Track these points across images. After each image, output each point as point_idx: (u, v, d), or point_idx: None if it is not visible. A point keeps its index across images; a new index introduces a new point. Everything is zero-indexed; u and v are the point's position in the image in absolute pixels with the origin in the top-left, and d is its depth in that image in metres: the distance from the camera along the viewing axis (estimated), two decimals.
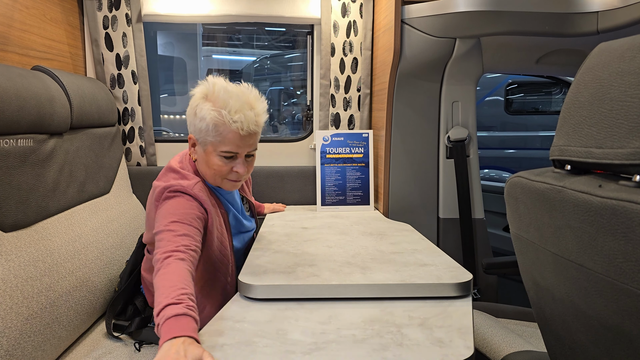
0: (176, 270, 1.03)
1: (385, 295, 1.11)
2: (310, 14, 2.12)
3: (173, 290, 0.95)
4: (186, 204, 1.25)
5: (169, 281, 0.99)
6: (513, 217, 0.91)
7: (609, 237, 0.62)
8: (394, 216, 2.01)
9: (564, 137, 0.77)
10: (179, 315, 0.89)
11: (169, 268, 1.04)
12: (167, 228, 1.16)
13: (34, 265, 1.25)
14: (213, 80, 1.32)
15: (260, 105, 1.33)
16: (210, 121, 1.26)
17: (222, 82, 1.32)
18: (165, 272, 1.02)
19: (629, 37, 0.69)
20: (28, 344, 1.16)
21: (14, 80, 1.27)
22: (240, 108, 1.27)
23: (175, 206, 1.23)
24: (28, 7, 1.65)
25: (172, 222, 1.18)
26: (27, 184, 1.31)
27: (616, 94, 0.66)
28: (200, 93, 1.31)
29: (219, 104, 1.27)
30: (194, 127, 1.30)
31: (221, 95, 1.27)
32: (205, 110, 1.26)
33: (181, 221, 1.19)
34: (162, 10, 2.05)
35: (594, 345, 0.74)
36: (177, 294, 0.94)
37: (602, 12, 1.55)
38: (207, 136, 1.29)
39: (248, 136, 1.30)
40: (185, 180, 1.32)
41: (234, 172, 1.34)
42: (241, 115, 1.26)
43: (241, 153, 1.32)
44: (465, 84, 1.97)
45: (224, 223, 1.41)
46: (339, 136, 2.07)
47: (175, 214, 1.20)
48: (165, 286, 0.97)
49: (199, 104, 1.29)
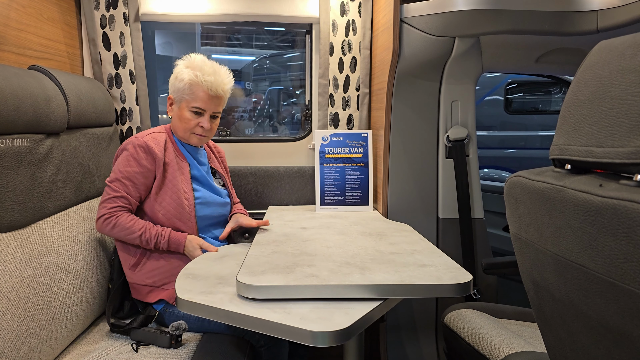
0: (131, 218, 1.56)
1: (384, 296, 1.10)
2: (308, 13, 2.11)
3: (151, 226, 1.57)
4: (130, 162, 1.56)
5: (137, 222, 1.55)
6: (513, 217, 0.90)
7: (610, 237, 0.61)
8: (393, 216, 2.00)
9: (564, 136, 0.76)
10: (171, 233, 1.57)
11: (123, 218, 1.54)
12: (110, 185, 1.56)
13: (30, 266, 1.24)
14: (194, 55, 1.66)
15: (228, 76, 1.67)
16: (188, 81, 1.59)
17: (202, 56, 1.66)
18: (126, 220, 1.53)
19: (630, 34, 0.68)
20: (24, 346, 1.15)
21: (10, 80, 1.26)
22: (212, 73, 1.60)
23: (120, 163, 1.57)
24: (25, 6, 1.64)
25: (115, 179, 1.56)
26: (23, 184, 1.30)
27: (617, 92, 0.65)
28: (182, 63, 1.64)
29: (196, 68, 1.60)
30: (174, 87, 1.63)
31: (198, 63, 1.62)
32: (184, 73, 1.60)
33: (125, 181, 1.55)
34: (160, 9, 2.04)
35: (594, 346, 0.73)
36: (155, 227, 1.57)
37: (602, 10, 1.55)
38: (183, 94, 1.62)
39: (215, 97, 1.63)
40: (143, 133, 1.63)
41: (200, 126, 1.65)
42: (212, 77, 1.59)
43: (208, 111, 1.64)
44: (464, 83, 1.96)
45: (186, 173, 1.66)
46: (338, 136, 2.06)
47: (116, 171, 1.56)
48: (139, 225, 1.54)
49: (180, 70, 1.62)
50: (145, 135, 1.61)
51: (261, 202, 2.21)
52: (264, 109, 3.89)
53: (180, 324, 1.45)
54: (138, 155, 1.56)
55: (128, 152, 1.56)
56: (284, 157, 2.27)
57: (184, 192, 1.62)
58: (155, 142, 1.60)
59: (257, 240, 1.53)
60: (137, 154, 1.56)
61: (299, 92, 3.77)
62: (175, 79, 1.63)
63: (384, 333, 2.04)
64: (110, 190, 1.55)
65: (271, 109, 3.88)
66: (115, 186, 1.55)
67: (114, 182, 1.55)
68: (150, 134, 1.63)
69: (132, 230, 1.53)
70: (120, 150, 1.60)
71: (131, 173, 1.55)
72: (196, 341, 1.50)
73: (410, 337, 2.07)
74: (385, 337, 2.05)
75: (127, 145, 1.58)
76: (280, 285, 1.10)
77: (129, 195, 1.56)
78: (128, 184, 1.55)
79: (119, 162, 1.57)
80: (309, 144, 2.28)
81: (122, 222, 1.53)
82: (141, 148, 1.56)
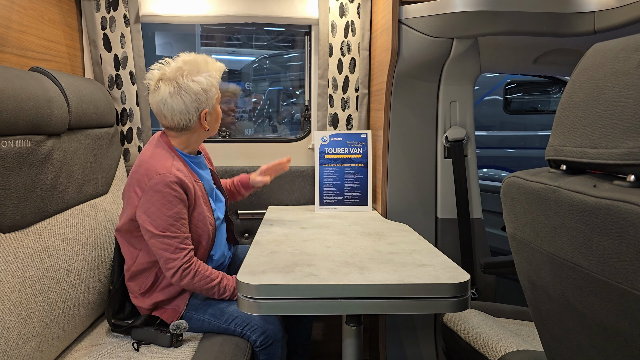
0: (205, 265, 1.50)
1: (383, 296, 1.11)
2: (308, 14, 2.12)
3: (224, 274, 1.54)
4: (172, 201, 1.45)
5: (211, 269, 1.51)
6: (509, 217, 0.91)
7: (604, 236, 0.62)
8: (392, 216, 2.01)
9: (559, 137, 0.77)
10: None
11: (201, 266, 1.48)
12: (164, 234, 1.44)
13: (32, 266, 1.25)
14: (173, 65, 1.52)
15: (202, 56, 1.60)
16: (210, 86, 1.53)
17: (178, 62, 1.53)
18: (204, 268, 1.48)
19: (624, 37, 0.69)
20: (26, 345, 1.16)
21: (11, 82, 1.27)
22: (205, 63, 1.55)
23: (162, 207, 1.44)
24: (26, 8, 1.65)
25: (168, 225, 1.44)
26: (25, 185, 1.31)
27: (611, 94, 0.66)
28: (187, 78, 1.50)
29: (199, 72, 1.52)
30: (202, 102, 1.53)
31: (192, 67, 1.51)
32: (202, 82, 1.51)
33: (178, 223, 1.46)
34: (160, 10, 2.05)
35: (589, 344, 0.74)
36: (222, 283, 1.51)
37: (599, 12, 1.56)
38: (212, 98, 1.56)
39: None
40: (158, 165, 1.48)
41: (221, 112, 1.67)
42: (210, 67, 1.55)
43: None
44: (462, 84, 1.97)
45: (204, 194, 1.61)
46: (337, 137, 2.07)
47: (163, 217, 1.43)
48: (213, 272, 1.50)
49: (188, 86, 1.49)
50: (165, 166, 1.47)
51: (261, 202, 2.22)
52: (263, 109, 3.90)
53: (180, 323, 1.46)
54: (177, 192, 1.45)
55: (164, 193, 1.43)
56: (283, 157, 2.28)
57: (208, 217, 1.58)
58: (181, 172, 1.49)
59: (256, 240, 1.54)
60: (174, 191, 1.44)
61: (299, 92, 3.78)
62: (204, 92, 1.51)
63: (383, 332, 2.05)
64: (169, 238, 1.43)
65: (271, 110, 3.89)
66: (173, 232, 1.43)
67: (169, 228, 1.43)
68: (164, 162, 1.49)
69: (212, 278, 1.48)
70: (150, 191, 1.44)
71: (179, 212, 1.45)
72: (197, 341, 1.51)
73: (409, 336, 2.08)
74: (385, 336, 2.06)
75: (157, 186, 1.43)
76: (279, 285, 1.11)
77: (188, 234, 1.49)
78: (182, 223, 1.46)
79: (159, 207, 1.43)
80: (308, 145, 2.28)
81: (202, 270, 1.46)
82: (176, 184, 1.45)
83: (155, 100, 1.52)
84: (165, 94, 1.49)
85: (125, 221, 1.52)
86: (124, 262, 1.62)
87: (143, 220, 1.45)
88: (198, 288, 1.47)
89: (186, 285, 1.46)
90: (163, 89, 1.49)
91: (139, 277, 1.56)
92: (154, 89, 1.52)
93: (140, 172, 1.48)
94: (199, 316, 1.54)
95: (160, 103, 1.50)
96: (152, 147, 1.56)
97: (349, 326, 1.31)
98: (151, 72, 1.54)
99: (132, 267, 1.55)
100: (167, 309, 1.56)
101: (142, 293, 1.55)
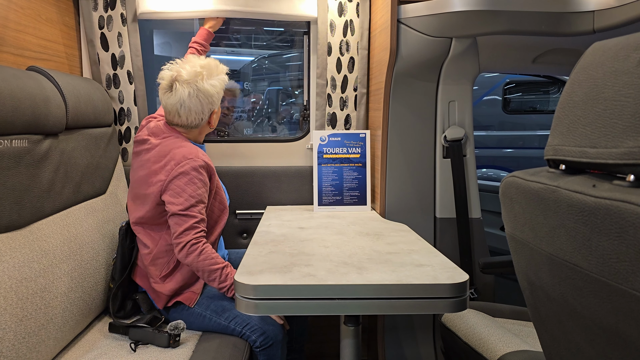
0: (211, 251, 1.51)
1: (381, 296, 1.11)
2: (306, 13, 2.11)
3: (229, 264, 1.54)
4: (198, 184, 1.52)
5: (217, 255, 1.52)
6: (508, 217, 0.91)
7: (603, 237, 0.62)
8: (390, 216, 2.01)
9: (558, 137, 0.77)
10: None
11: (209, 247, 1.51)
12: (184, 213, 1.50)
13: (28, 266, 1.25)
14: (190, 69, 1.58)
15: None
16: (222, 88, 1.65)
17: (194, 65, 1.59)
18: (211, 250, 1.51)
19: (623, 36, 0.68)
20: (22, 345, 1.16)
21: (8, 81, 1.26)
22: (217, 67, 1.65)
23: (187, 188, 1.51)
24: (23, 8, 1.64)
25: (190, 205, 1.50)
26: (22, 185, 1.30)
27: (610, 94, 0.65)
28: (205, 81, 1.58)
29: (213, 75, 1.61)
30: (214, 103, 1.64)
31: (208, 71, 1.60)
32: (217, 86, 1.61)
33: (198, 205, 1.52)
34: (158, 7, 2.03)
35: (589, 345, 0.74)
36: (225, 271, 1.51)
37: (598, 11, 1.55)
38: (220, 98, 1.67)
39: None
40: (188, 150, 1.56)
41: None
42: (220, 70, 1.66)
43: None
44: (461, 84, 1.97)
45: (218, 178, 1.69)
46: (336, 136, 2.06)
47: (187, 197, 1.50)
48: (219, 258, 1.51)
49: (206, 89, 1.58)
50: (192, 152, 1.55)
51: (259, 202, 2.22)
52: (262, 109, 3.89)
53: (178, 323, 1.45)
54: (202, 176, 1.54)
55: (191, 176, 1.51)
56: (282, 157, 2.28)
57: (224, 193, 1.71)
58: (206, 157, 1.59)
59: (254, 240, 1.53)
60: (201, 175, 1.53)
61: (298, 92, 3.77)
62: (217, 93, 1.62)
63: (382, 332, 2.05)
64: (187, 217, 1.49)
65: (270, 109, 3.88)
66: (192, 212, 1.50)
67: (190, 208, 1.49)
68: (190, 149, 1.57)
69: (217, 261, 1.50)
70: (179, 175, 1.51)
71: (202, 195, 1.53)
72: (194, 341, 1.50)
73: (408, 336, 2.08)
74: (383, 337, 2.05)
75: (186, 169, 1.51)
76: (277, 285, 1.11)
77: (205, 217, 1.55)
78: (202, 206, 1.53)
79: (186, 187, 1.51)
80: (307, 144, 2.28)
81: (208, 250, 1.50)
82: (203, 168, 1.54)
83: (172, 102, 1.57)
84: (184, 96, 1.55)
85: (149, 209, 1.56)
86: (129, 258, 1.64)
87: (168, 201, 1.51)
88: (201, 268, 1.48)
89: (191, 263, 1.48)
90: (181, 90, 1.55)
91: (160, 260, 1.58)
92: (167, 89, 1.57)
93: (165, 161, 1.55)
94: (200, 311, 1.55)
95: (177, 104, 1.56)
96: (170, 137, 1.62)
97: (347, 326, 1.30)
98: (164, 72, 1.60)
99: (154, 250, 1.58)
100: (186, 293, 1.59)
101: (163, 277, 1.58)
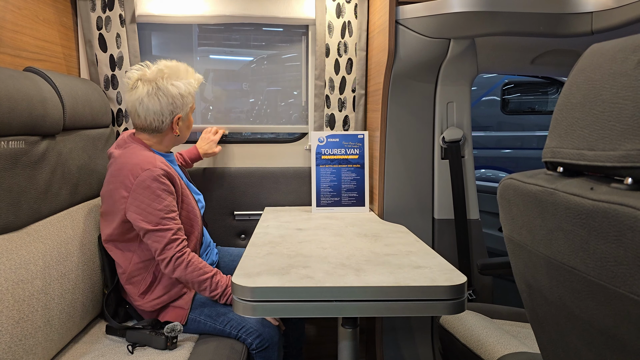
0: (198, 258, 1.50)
1: (379, 298, 1.11)
2: (305, 14, 2.12)
3: (218, 271, 1.52)
4: (162, 195, 1.46)
5: (205, 263, 1.50)
6: (506, 219, 0.91)
7: (601, 240, 0.62)
8: (389, 217, 2.01)
9: (556, 139, 0.77)
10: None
11: (194, 257, 1.48)
12: (156, 229, 1.44)
13: (25, 268, 1.24)
14: (154, 68, 1.57)
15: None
16: (187, 93, 1.58)
17: (159, 65, 1.57)
18: (197, 260, 1.48)
19: (622, 38, 0.68)
20: (19, 348, 1.15)
21: (5, 82, 1.26)
22: (186, 71, 1.61)
23: (152, 202, 1.45)
24: (20, 8, 1.64)
25: (160, 219, 1.45)
26: (18, 186, 1.30)
27: (608, 96, 0.65)
28: (165, 81, 1.54)
29: (179, 77, 1.57)
30: (177, 107, 1.57)
31: (173, 71, 1.57)
32: (180, 87, 1.56)
33: (169, 216, 1.47)
34: (156, 10, 2.03)
35: (586, 348, 0.74)
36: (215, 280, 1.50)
37: (597, 12, 1.55)
38: (187, 105, 1.61)
39: None
40: (143, 161, 1.49)
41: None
42: (190, 75, 1.61)
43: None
44: (459, 85, 1.97)
45: (183, 181, 1.63)
46: (334, 137, 2.06)
47: (153, 212, 1.45)
48: (208, 266, 1.50)
49: (167, 88, 1.54)
50: (149, 161, 1.48)
51: (257, 203, 2.22)
52: (261, 109, 3.89)
53: (175, 325, 1.45)
54: (165, 185, 1.47)
55: (153, 188, 1.44)
56: (280, 158, 2.27)
57: (194, 199, 1.65)
58: (165, 165, 1.50)
59: (252, 241, 1.53)
60: (163, 185, 1.46)
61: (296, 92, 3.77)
62: (181, 97, 1.56)
63: (380, 334, 2.05)
64: (162, 232, 1.43)
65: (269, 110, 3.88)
66: (166, 225, 1.44)
67: (161, 222, 1.44)
68: (146, 158, 1.49)
69: (205, 270, 1.47)
70: (138, 188, 1.44)
71: (169, 205, 1.47)
72: (192, 343, 1.50)
73: (406, 338, 2.08)
74: (381, 338, 2.05)
75: (146, 182, 1.44)
76: (275, 287, 1.11)
77: (181, 225, 1.50)
78: (173, 215, 1.48)
79: (151, 203, 1.44)
80: (305, 145, 2.28)
81: (195, 261, 1.47)
82: (164, 177, 1.47)
83: (131, 99, 1.55)
84: (142, 93, 1.53)
85: (116, 227, 1.51)
86: (115, 267, 1.61)
87: (134, 218, 1.45)
88: (191, 280, 1.46)
89: (179, 276, 1.46)
90: (141, 88, 1.53)
91: (136, 278, 1.54)
92: (131, 88, 1.56)
93: (123, 174, 1.47)
94: (195, 316, 1.54)
95: (136, 102, 1.54)
96: (129, 148, 1.56)
97: (345, 328, 1.30)
98: (131, 72, 1.57)
99: (128, 269, 1.54)
100: (173, 310, 1.55)
101: (141, 294, 1.54)
